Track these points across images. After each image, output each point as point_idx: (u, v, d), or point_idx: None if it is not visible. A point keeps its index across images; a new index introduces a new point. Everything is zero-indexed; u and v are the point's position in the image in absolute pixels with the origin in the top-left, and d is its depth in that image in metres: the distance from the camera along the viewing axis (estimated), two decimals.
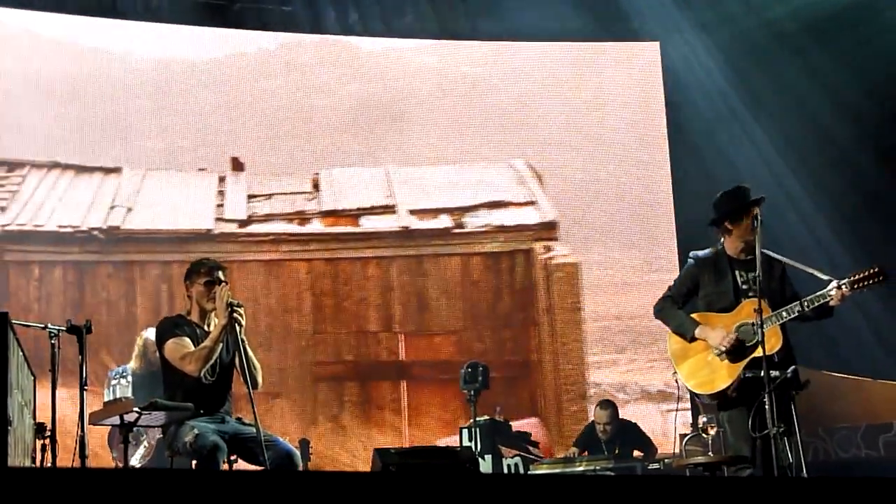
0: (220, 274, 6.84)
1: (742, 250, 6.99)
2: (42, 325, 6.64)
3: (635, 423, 10.18)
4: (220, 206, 12.95)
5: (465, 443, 9.61)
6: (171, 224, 12.78)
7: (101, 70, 12.03)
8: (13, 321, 5.77)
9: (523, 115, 12.38)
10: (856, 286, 6.75)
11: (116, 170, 12.57)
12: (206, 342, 6.60)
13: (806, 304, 6.79)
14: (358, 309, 12.71)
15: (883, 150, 11.16)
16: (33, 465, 6.36)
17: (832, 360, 10.02)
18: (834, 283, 6.77)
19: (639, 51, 12.29)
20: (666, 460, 9.10)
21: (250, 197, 12.99)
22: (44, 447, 6.60)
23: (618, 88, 12.33)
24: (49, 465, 6.44)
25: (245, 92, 12.72)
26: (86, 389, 6.38)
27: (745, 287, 6.96)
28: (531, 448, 10.09)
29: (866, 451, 9.80)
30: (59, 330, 6.50)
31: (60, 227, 12.43)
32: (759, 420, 6.67)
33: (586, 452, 9.72)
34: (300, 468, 7.03)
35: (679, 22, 11.61)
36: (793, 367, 6.82)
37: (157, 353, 6.90)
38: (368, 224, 13.03)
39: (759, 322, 6.60)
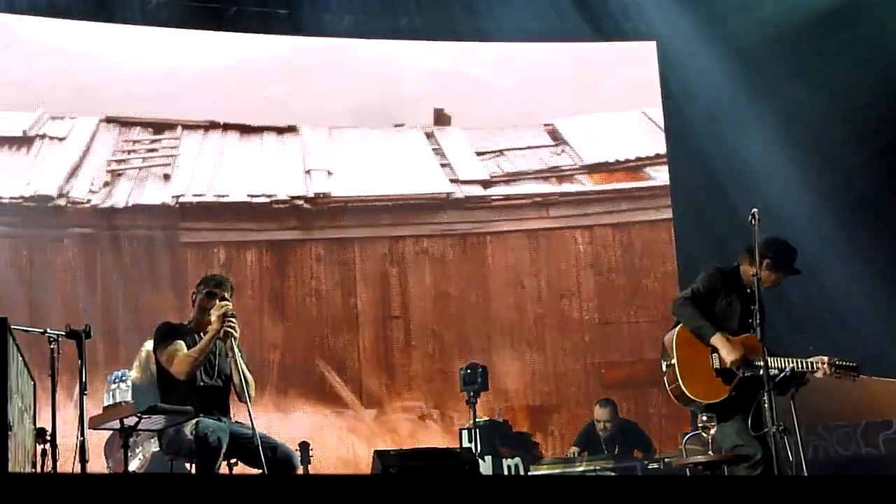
0: (227, 292, 6.84)
1: (749, 285, 7.08)
2: (41, 331, 6.63)
3: (635, 423, 10.17)
4: (445, 165, 10.74)
5: (465, 444, 9.61)
6: (391, 188, 10.55)
7: (109, 78, 10.81)
8: (12, 326, 5.76)
9: (522, 116, 12.20)
10: (838, 369, 7.04)
11: (291, 129, 10.58)
12: (195, 349, 6.62)
13: (795, 365, 6.95)
14: (664, 288, 10.42)
15: (880, 149, 11.16)
16: (34, 471, 6.35)
17: (828, 353, 10.03)
18: (825, 359, 7.02)
19: (636, 51, 12.23)
20: (666, 459, 9.11)
21: (478, 154, 10.86)
22: (44, 452, 6.60)
23: (615, 89, 12.24)
24: (49, 470, 6.43)
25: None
26: (85, 394, 6.36)
27: (750, 319, 7.04)
28: (531, 449, 10.08)
29: (866, 449, 9.80)
30: (58, 335, 6.50)
31: (252, 196, 10.26)
32: (757, 419, 6.75)
33: (586, 452, 9.72)
34: (298, 469, 7.04)
35: (675, 22, 11.60)
36: (791, 366, 6.90)
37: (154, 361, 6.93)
38: (661, 177, 10.82)
39: (759, 320, 6.69)
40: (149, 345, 8.76)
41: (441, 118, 10.88)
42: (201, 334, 6.75)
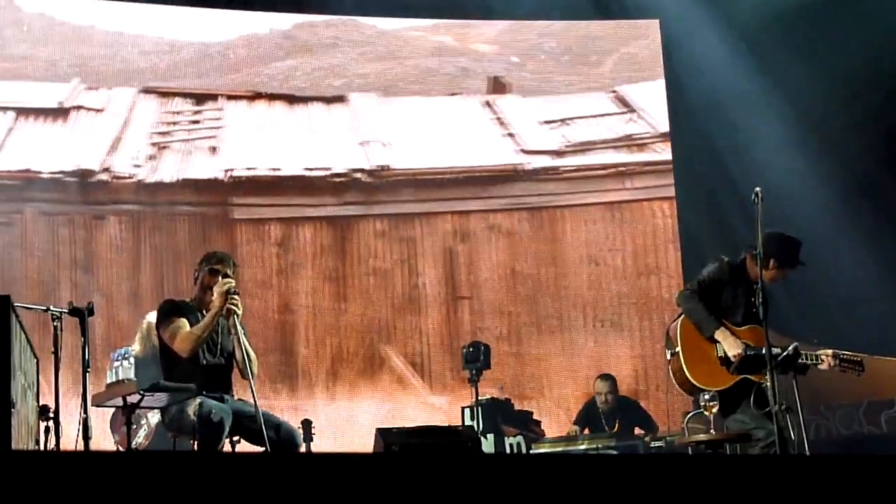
0: (229, 269, 6.82)
1: (755, 280, 7.09)
2: (44, 308, 6.64)
3: (635, 400, 10.20)
4: (508, 135, 10.26)
5: (467, 422, 9.62)
6: (454, 160, 10.07)
7: (113, 53, 10.59)
8: (15, 303, 5.77)
9: (524, 94, 12.10)
10: (843, 363, 7.14)
11: (340, 98, 10.14)
12: (198, 326, 6.61)
13: (802, 354, 7.01)
14: None
15: (884, 130, 11.13)
16: (37, 448, 6.37)
17: (832, 337, 10.05)
18: (830, 353, 7.10)
19: (639, 29, 12.19)
20: (668, 438, 9.13)
21: (542, 123, 10.34)
22: (47, 429, 6.62)
23: (618, 68, 12.18)
24: (53, 447, 6.45)
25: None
26: (88, 371, 6.37)
27: (753, 311, 7.06)
28: (533, 427, 10.10)
29: (868, 428, 9.82)
30: (61, 312, 6.50)
31: (308, 170, 9.84)
32: (760, 398, 6.79)
33: (587, 430, 9.74)
34: (301, 447, 7.05)
35: (678, 1, 11.57)
36: (794, 344, 6.94)
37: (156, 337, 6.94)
38: None
39: (762, 301, 6.69)
40: (150, 317, 8.78)
41: (498, 86, 10.36)
42: (204, 312, 6.74)
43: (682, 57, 11.70)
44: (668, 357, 7.21)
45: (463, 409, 9.91)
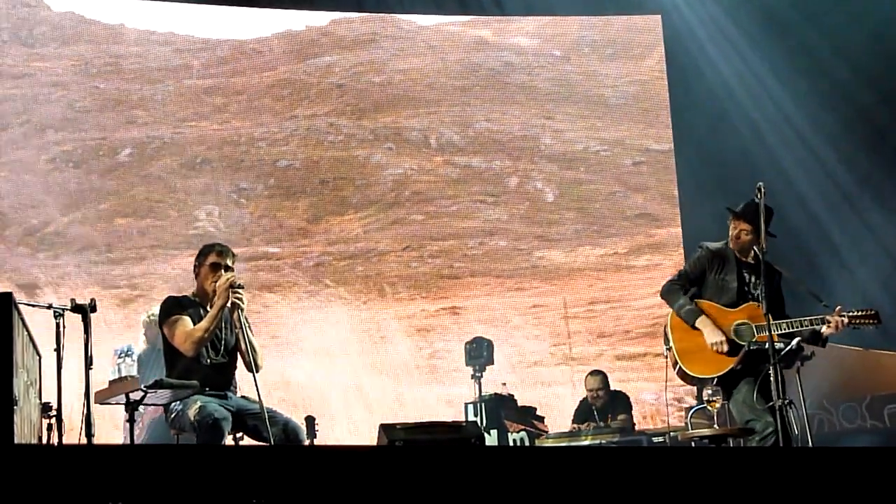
0: (229, 261, 6.77)
1: (742, 253, 7.07)
2: (46, 305, 6.63)
3: (626, 395, 10.21)
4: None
5: (471, 418, 9.62)
6: None
7: (146, 51, 10.95)
8: (17, 301, 5.76)
9: (528, 87, 12.16)
10: (854, 321, 7.00)
11: None
12: (203, 323, 6.57)
13: (806, 323, 6.96)
14: None
15: (889, 121, 11.10)
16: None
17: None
18: (839, 309, 7.00)
19: (641, 24, 12.21)
20: (671, 433, 9.12)
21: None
22: (50, 426, 6.61)
23: (620, 62, 12.20)
24: (55, 444, 6.44)
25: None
26: (91, 368, 6.36)
27: (748, 288, 7.05)
28: (536, 423, 10.09)
29: (871, 423, 9.80)
30: (63, 309, 6.49)
31: None
32: (765, 391, 6.77)
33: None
34: (304, 444, 7.03)
35: None
36: (797, 338, 6.90)
37: (159, 334, 6.89)
38: None
39: (763, 292, 6.68)
40: (154, 310, 8.75)
41: None
42: (206, 307, 6.70)
43: (685, 49, 11.69)
44: (665, 353, 7.23)
45: (466, 404, 9.91)
